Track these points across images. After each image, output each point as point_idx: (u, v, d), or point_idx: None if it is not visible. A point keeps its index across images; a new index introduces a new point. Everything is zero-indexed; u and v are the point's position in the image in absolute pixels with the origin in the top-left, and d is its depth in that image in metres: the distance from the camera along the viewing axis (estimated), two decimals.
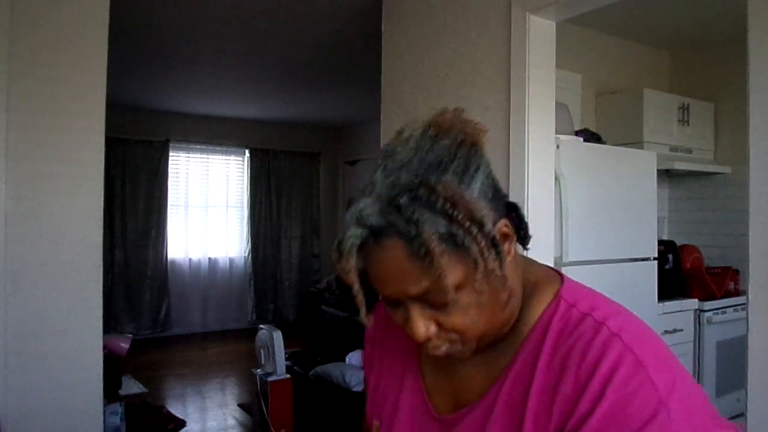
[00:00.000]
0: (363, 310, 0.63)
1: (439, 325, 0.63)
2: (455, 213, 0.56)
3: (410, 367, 0.79)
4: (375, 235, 0.58)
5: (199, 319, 6.54)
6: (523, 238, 0.70)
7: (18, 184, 1.93)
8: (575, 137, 2.63)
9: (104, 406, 2.26)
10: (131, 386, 3.04)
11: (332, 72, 4.55)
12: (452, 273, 0.58)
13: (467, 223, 0.57)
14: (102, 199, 2.11)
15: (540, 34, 2.09)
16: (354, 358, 3.70)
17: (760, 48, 1.41)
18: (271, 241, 6.88)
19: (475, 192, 0.60)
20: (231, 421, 3.83)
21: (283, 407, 2.92)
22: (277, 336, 2.95)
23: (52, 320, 2.00)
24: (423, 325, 0.62)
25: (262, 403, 2.93)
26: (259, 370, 3.03)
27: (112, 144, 5.48)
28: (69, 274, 2.03)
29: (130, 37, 3.56)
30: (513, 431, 0.64)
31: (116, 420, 2.58)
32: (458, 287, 0.59)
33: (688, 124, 3.45)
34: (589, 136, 2.80)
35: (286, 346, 3.02)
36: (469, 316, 0.62)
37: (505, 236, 0.63)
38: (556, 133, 2.23)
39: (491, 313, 0.63)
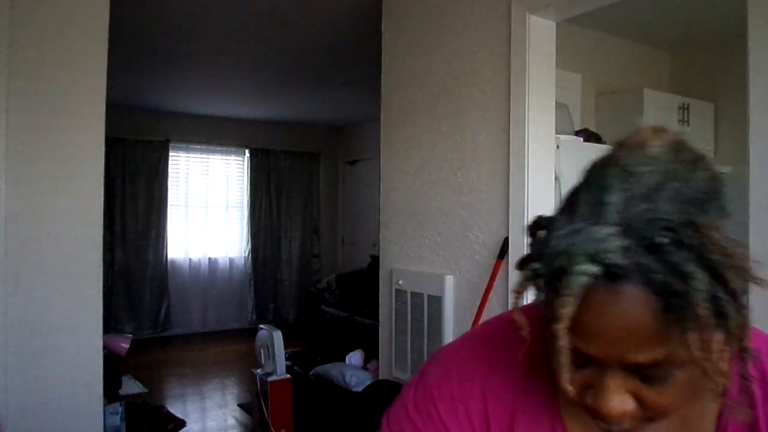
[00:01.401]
0: (567, 376, 0.47)
1: (638, 400, 0.49)
2: (727, 272, 0.43)
3: None
4: (610, 276, 0.44)
5: (199, 319, 6.54)
6: None
7: (18, 184, 1.93)
8: (575, 137, 2.63)
9: (104, 406, 2.26)
10: (131, 386, 3.05)
11: (332, 72, 4.55)
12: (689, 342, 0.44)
13: (735, 288, 0.43)
14: (102, 199, 2.11)
15: (540, 34, 2.09)
16: (354, 358, 3.70)
17: (760, 48, 1.41)
18: (271, 241, 6.88)
19: None
20: (231, 421, 3.83)
21: (283, 407, 2.92)
22: (277, 336, 2.95)
23: (52, 320, 2.00)
24: (620, 400, 0.48)
25: (262, 403, 2.93)
26: (259, 370, 3.03)
27: (112, 144, 5.46)
28: (69, 274, 2.04)
29: (130, 37, 3.56)
30: None
31: (116, 420, 2.58)
32: (691, 360, 0.45)
33: (688, 124, 3.45)
34: (589, 136, 2.80)
35: (286, 346, 3.02)
36: (683, 393, 0.48)
37: None
38: (556, 133, 2.23)
39: (698, 391, 0.50)
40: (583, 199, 0.48)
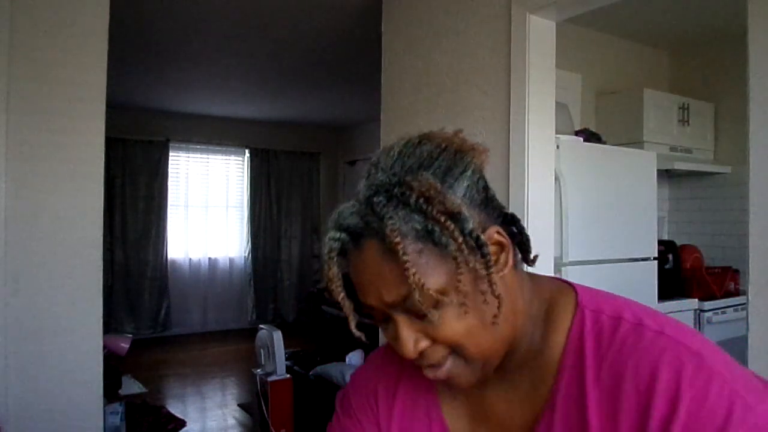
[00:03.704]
0: (352, 320, 0.58)
1: (430, 340, 0.57)
2: (429, 208, 0.52)
3: (434, 420, 0.68)
4: (354, 238, 0.55)
5: (199, 319, 6.54)
6: (526, 251, 0.65)
7: (18, 184, 1.93)
8: (575, 137, 2.63)
9: (104, 406, 2.26)
10: (131, 386, 3.04)
11: (332, 72, 4.54)
12: (433, 274, 0.53)
13: (443, 218, 0.52)
14: (102, 199, 2.10)
15: (540, 34, 2.09)
16: (354, 358, 3.69)
17: (760, 48, 1.41)
18: (271, 241, 6.88)
19: (458, 193, 0.56)
20: (231, 421, 3.83)
21: (283, 407, 2.92)
22: (277, 336, 2.95)
23: (52, 320, 2.00)
24: (411, 338, 0.56)
25: (262, 403, 2.93)
26: (259, 370, 3.03)
27: (112, 144, 5.48)
28: (69, 274, 2.03)
29: (130, 37, 3.56)
30: None
31: (116, 420, 2.58)
32: (442, 291, 0.53)
33: (688, 124, 3.44)
34: (589, 136, 2.79)
35: (286, 346, 3.02)
36: (459, 325, 0.55)
37: (499, 245, 0.58)
38: (556, 133, 2.22)
39: (486, 325, 0.56)
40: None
